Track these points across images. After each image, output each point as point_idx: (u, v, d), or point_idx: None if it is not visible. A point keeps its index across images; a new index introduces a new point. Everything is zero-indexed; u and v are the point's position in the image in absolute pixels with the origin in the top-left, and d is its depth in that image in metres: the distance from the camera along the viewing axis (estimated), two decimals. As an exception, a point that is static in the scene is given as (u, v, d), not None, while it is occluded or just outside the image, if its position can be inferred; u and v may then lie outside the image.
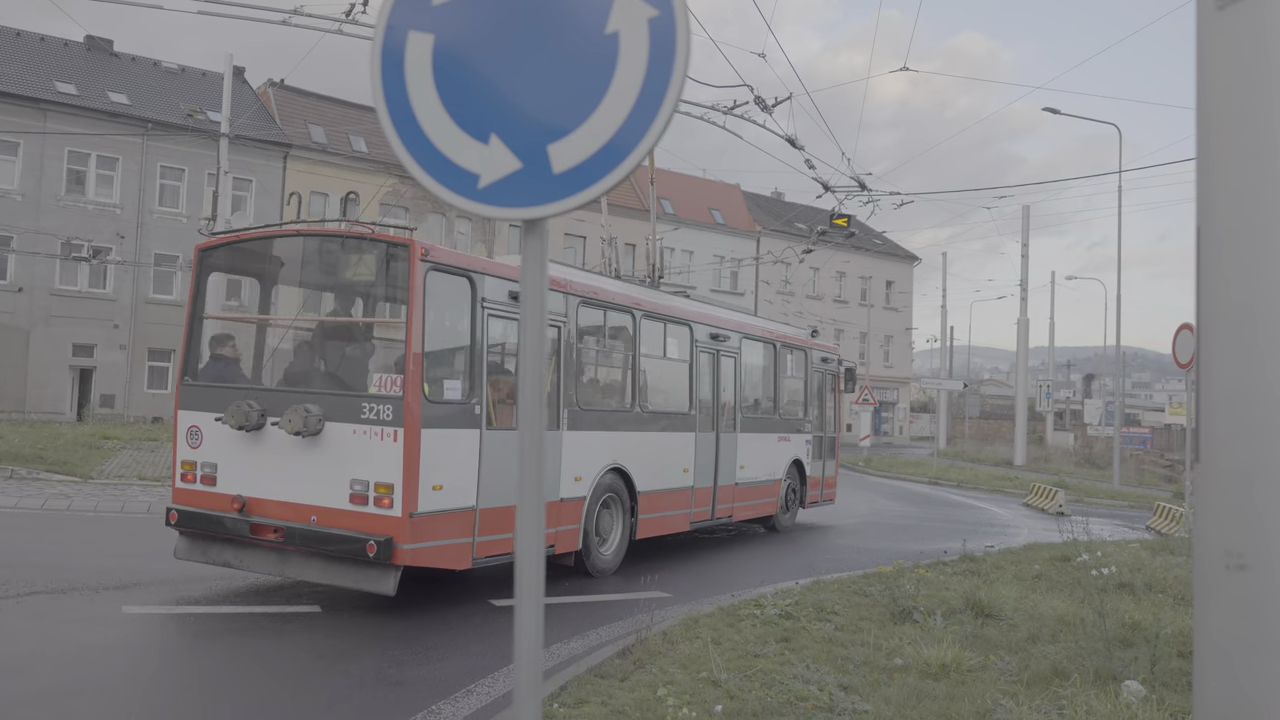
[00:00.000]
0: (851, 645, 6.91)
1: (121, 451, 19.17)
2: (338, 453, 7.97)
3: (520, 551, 2.55)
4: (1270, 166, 1.58)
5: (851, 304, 60.02)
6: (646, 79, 2.47)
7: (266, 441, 8.27)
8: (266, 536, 8.11)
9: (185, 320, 9.54)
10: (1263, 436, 1.54)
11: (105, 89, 37.90)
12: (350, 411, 7.99)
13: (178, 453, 8.88)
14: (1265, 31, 1.59)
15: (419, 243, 8.36)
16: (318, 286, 10.17)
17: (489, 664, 6.70)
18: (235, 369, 9.44)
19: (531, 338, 2.59)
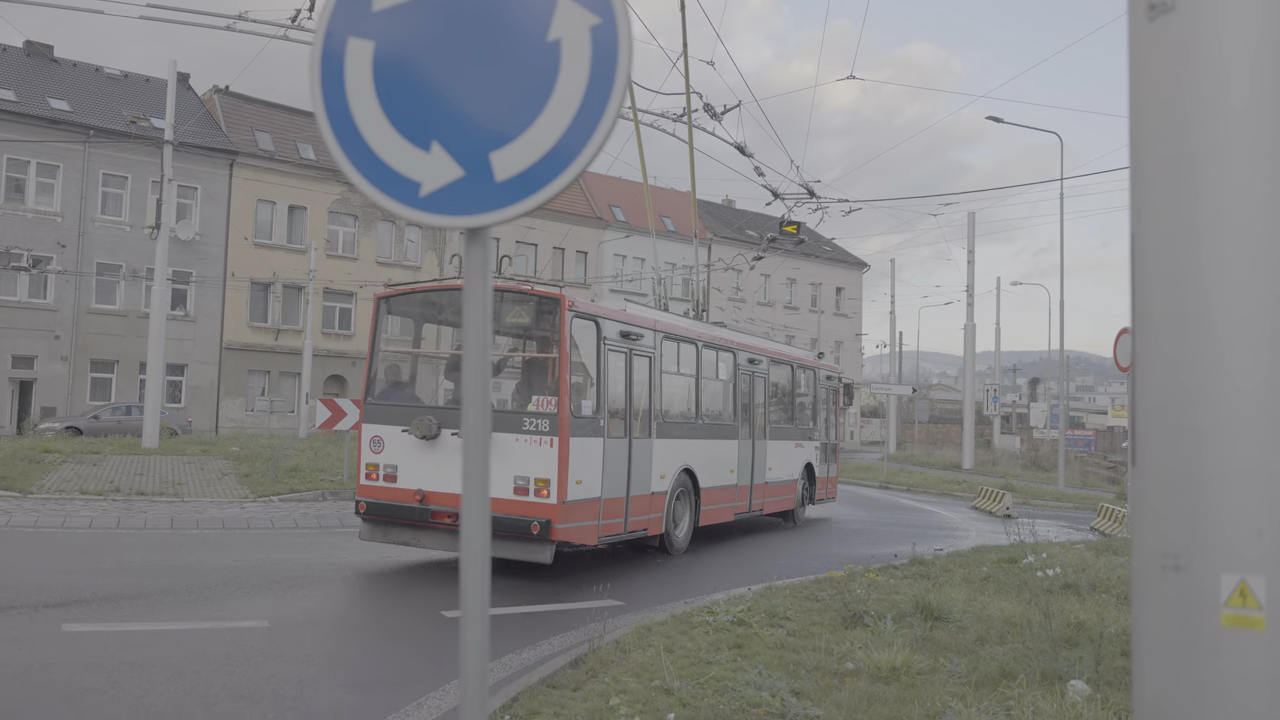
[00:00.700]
0: (803, 650, 6.93)
1: (63, 465, 18.75)
2: (502, 456, 10.03)
3: (465, 560, 2.53)
4: (1200, 175, 1.60)
5: (802, 310, 60.48)
6: (589, 86, 2.46)
7: (441, 447, 10.62)
8: (442, 521, 10.41)
9: (367, 353, 12.00)
10: (1195, 440, 1.57)
11: (45, 95, 37.21)
12: (513, 424, 10.30)
13: (362, 457, 11.20)
14: (1194, 43, 1.62)
15: (566, 297, 10.69)
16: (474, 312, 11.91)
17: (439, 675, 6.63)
18: (408, 392, 12.04)
19: (474, 344, 2.57)
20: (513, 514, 10.05)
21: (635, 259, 52.61)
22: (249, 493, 16.55)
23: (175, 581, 9.49)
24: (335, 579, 10.15)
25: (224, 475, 18.70)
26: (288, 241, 41.74)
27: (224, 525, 13.64)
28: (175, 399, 37.71)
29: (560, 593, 10.05)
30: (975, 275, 37.16)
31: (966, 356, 37.43)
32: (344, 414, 17.53)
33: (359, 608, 8.79)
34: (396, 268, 44.55)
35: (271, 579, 9.91)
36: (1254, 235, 1.54)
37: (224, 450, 23.72)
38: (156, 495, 15.67)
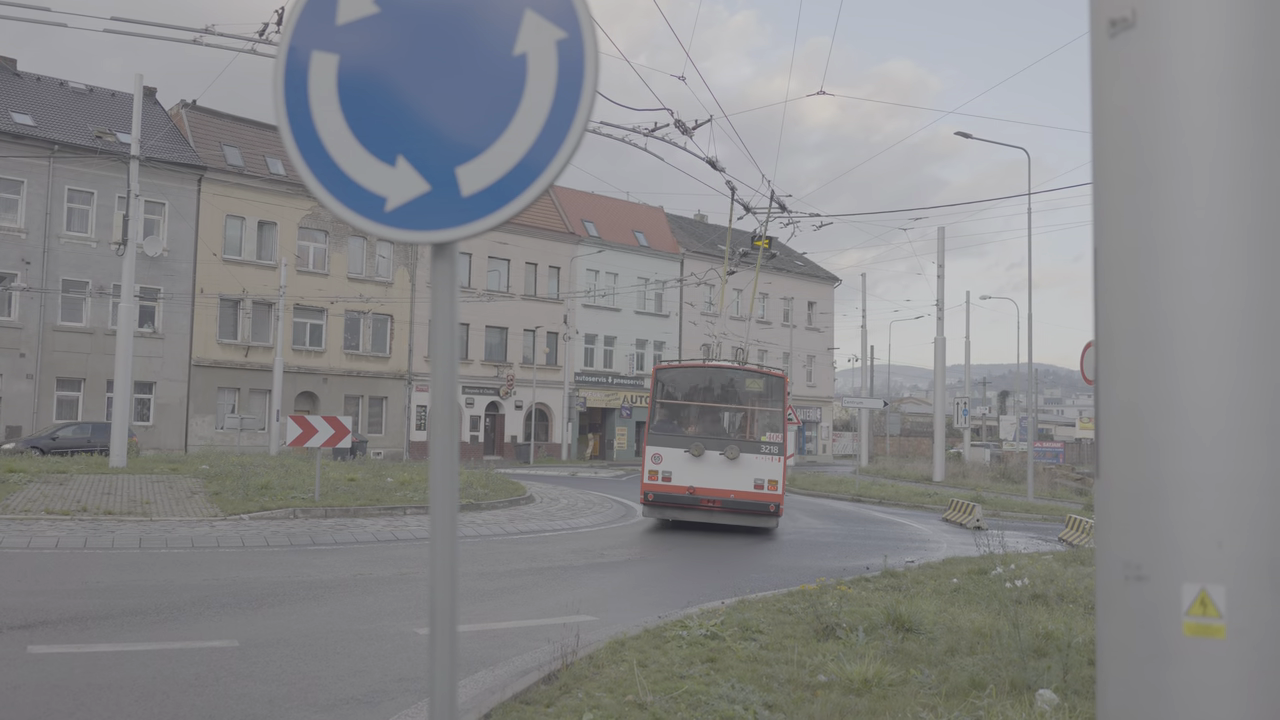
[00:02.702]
0: (776, 663, 6.93)
1: (29, 485, 18.46)
2: (748, 466, 17.82)
3: (435, 576, 2.51)
4: (1160, 190, 1.62)
5: (774, 325, 60.70)
6: (555, 100, 2.46)
7: (704, 461, 17.91)
8: (704, 504, 17.76)
9: (649, 403, 19.50)
10: (1157, 452, 1.58)
11: (8, 109, 36.82)
12: (754, 449, 18.15)
13: (646, 465, 18.18)
14: (1154, 59, 1.64)
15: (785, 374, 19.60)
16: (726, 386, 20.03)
17: (410, 693, 6.58)
18: (674, 426, 19.08)
19: (442, 362, 2.56)
20: (756, 500, 17.73)
21: (608, 274, 52.65)
22: (219, 511, 16.36)
23: (144, 602, 9.37)
24: (306, 597, 10.05)
25: (193, 494, 18.49)
26: (257, 257, 41.46)
27: (193, 544, 13.49)
28: (144, 417, 37.31)
29: (532, 607, 10.01)
30: (946, 290, 37.50)
31: (937, 370, 37.69)
32: (315, 431, 17.42)
33: (330, 626, 8.70)
34: (368, 283, 44.36)
35: (242, 598, 9.80)
36: (1214, 250, 1.56)
37: (193, 468, 23.47)
38: (124, 515, 15.46)
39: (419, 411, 46.29)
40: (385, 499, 18.65)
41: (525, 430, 48.93)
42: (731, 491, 17.62)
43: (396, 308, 45.12)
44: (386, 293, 44.96)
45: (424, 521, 17.11)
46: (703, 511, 17.82)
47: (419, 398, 46.15)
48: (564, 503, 22.41)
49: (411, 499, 18.97)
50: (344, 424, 17.74)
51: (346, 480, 21.28)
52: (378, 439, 43.56)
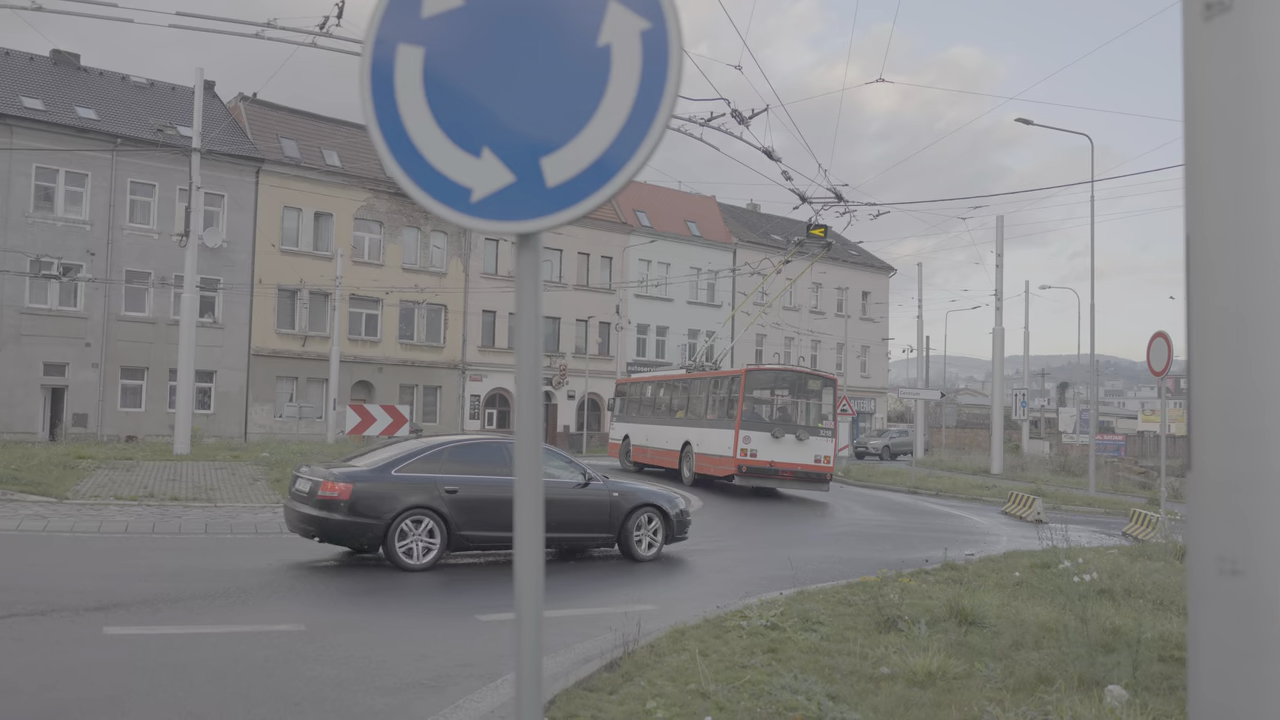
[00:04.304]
0: (838, 655, 6.92)
1: (97, 471, 18.96)
2: (810, 445, 23.80)
3: (519, 564, 2.55)
4: (1259, 175, 1.60)
5: (828, 315, 60.26)
6: (640, 91, 2.48)
7: (782, 442, 23.39)
8: (782, 474, 23.35)
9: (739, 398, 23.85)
10: (1255, 443, 1.56)
11: (73, 104, 37.62)
12: (814, 432, 24.22)
13: (738, 444, 22.99)
14: (1251, 42, 1.61)
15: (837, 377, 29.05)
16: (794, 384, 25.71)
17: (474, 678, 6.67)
18: (760, 416, 24.25)
19: (528, 347, 2.60)
20: (817, 470, 23.76)
21: (660, 264, 52.65)
22: (280, 498, 16.66)
23: (212, 585, 9.59)
24: (367, 582, 10.22)
25: (255, 480, 18.84)
26: (314, 248, 42.05)
27: (257, 530, 13.75)
28: (205, 405, 38.04)
29: (592, 597, 10.08)
30: (1005, 279, 36.97)
31: (995, 361, 37.19)
32: (373, 419, 17.67)
33: (392, 611, 8.85)
34: (422, 274, 44.79)
35: (305, 583, 10.00)
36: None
37: (254, 456, 23.91)
38: (190, 500, 15.81)
39: (472, 401, 46.69)
40: (442, 487, 18.85)
41: (578, 420, 49.15)
42: (800, 464, 23.44)
43: (450, 298, 45.51)
44: (440, 283, 45.36)
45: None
46: (779, 480, 23.41)
47: (472, 387, 46.55)
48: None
49: (468, 487, 19.13)
50: (402, 412, 17.99)
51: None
52: (432, 428, 44.00)
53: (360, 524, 10.96)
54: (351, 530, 11.03)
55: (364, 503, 10.98)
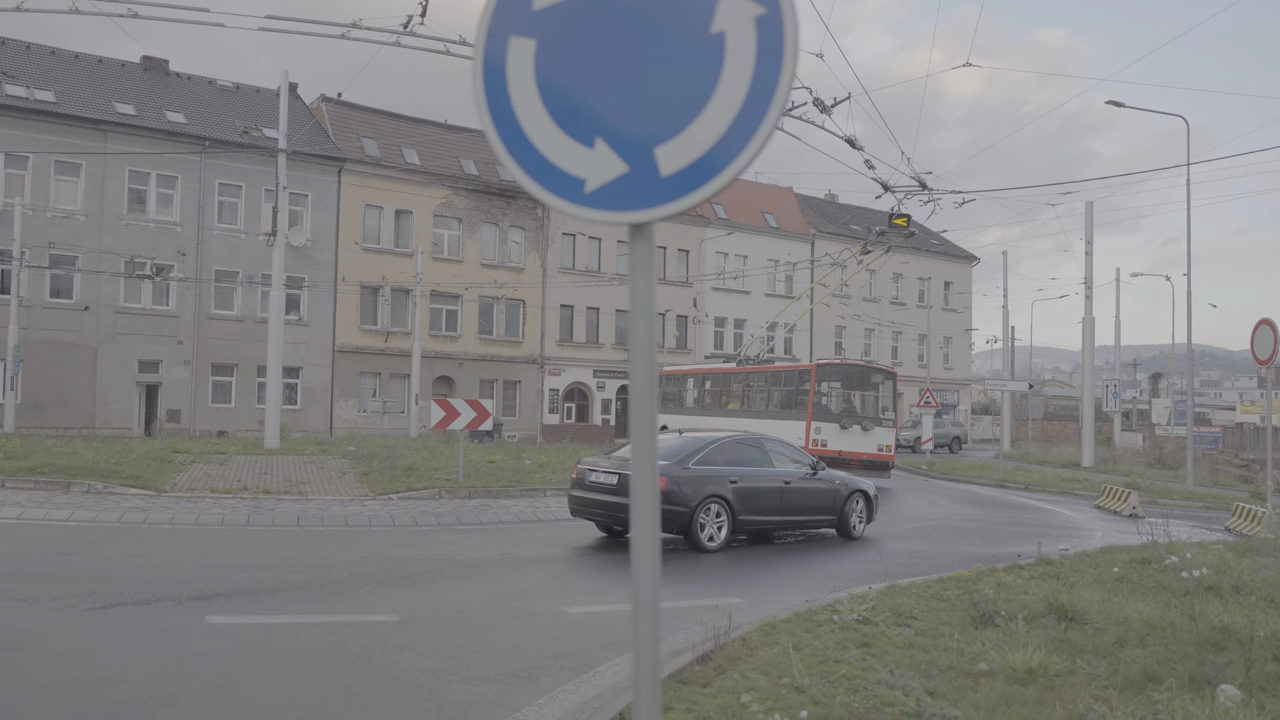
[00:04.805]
0: (933, 650, 6.80)
1: (192, 465, 19.51)
2: (874, 435, 25.69)
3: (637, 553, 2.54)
4: None
5: (909, 306, 59.40)
6: (755, 77, 2.44)
7: (849, 432, 25.31)
8: (849, 463, 23.66)
9: (810, 391, 25.54)
10: None
11: (163, 108, 38.73)
12: (878, 423, 25.97)
13: (810, 434, 24.47)
14: None
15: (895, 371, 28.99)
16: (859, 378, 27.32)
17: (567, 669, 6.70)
18: (828, 408, 25.93)
19: (641, 339, 2.58)
20: (880, 458, 25.06)
21: (737, 256, 52.41)
22: (369, 491, 16.97)
23: (307, 576, 9.79)
24: (457, 575, 10.33)
25: (343, 474, 19.21)
26: (395, 245, 42.72)
27: (347, 522, 14.02)
28: (292, 401, 38.92)
29: (681, 590, 10.06)
30: (1095, 267, 36.01)
31: (1085, 351, 36.23)
32: (458, 414, 17.86)
33: (483, 603, 8.93)
34: (500, 269, 45.22)
35: (397, 574, 10.14)
36: None
37: (341, 450, 24.39)
38: (282, 493, 16.18)
39: (551, 395, 47.04)
40: (525, 481, 19.02)
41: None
42: (865, 453, 25.14)
43: (528, 293, 45.89)
44: (519, 278, 45.76)
45: (564, 503, 17.36)
46: (848, 468, 23.11)
47: (551, 381, 46.89)
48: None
49: (550, 481, 19.29)
50: (485, 407, 18.14)
51: (487, 462, 21.78)
52: (512, 422, 44.45)
53: (671, 511, 12.50)
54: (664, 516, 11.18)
55: (675, 492, 12.62)
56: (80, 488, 15.87)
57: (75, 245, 35.33)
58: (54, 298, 35.36)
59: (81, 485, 15.95)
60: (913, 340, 59.14)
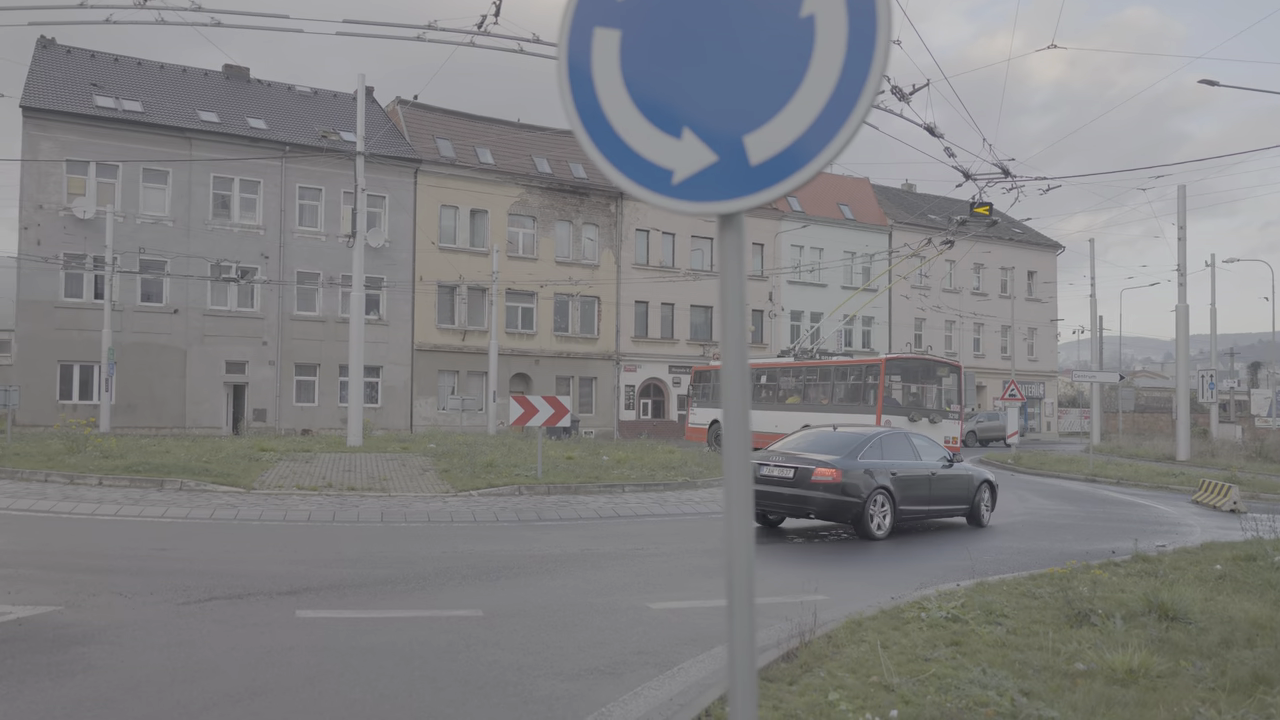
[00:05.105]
0: (1027, 649, 6.63)
1: (279, 463, 19.94)
2: (941, 427, 26.17)
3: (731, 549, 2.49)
4: None
5: (991, 297, 58.24)
6: (846, 61, 2.37)
7: (918, 425, 24.95)
8: None
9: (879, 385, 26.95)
10: None
11: (245, 115, 39.66)
12: (945, 415, 27.23)
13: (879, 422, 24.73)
14: None
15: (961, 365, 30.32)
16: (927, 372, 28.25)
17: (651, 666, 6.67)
18: (897, 401, 26.75)
19: (733, 331, 2.53)
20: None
21: (813, 249, 51.94)
22: (450, 487, 17.15)
23: (392, 571, 9.92)
24: (539, 571, 10.37)
25: (424, 471, 19.46)
26: (470, 245, 43.18)
27: (429, 519, 14.19)
28: (372, 399, 39.58)
29: (761, 586, 9.97)
30: (1189, 253, 34.87)
31: (1179, 340, 35.09)
32: (536, 411, 17.96)
33: (565, 599, 8.94)
34: (575, 266, 45.44)
35: (480, 570, 10.22)
36: None
37: (421, 447, 24.73)
38: (365, 490, 16.44)
39: (627, 391, 47.14)
40: (604, 476, 19.07)
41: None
42: None
43: (603, 289, 46.03)
44: (593, 275, 45.93)
45: (643, 499, 17.40)
46: None
47: (627, 377, 46.99)
48: (777, 481, 22.28)
49: (629, 477, 19.31)
50: (563, 404, 18.22)
51: (565, 458, 21.89)
52: (588, 418, 44.65)
53: (846, 502, 13.54)
54: (840, 507, 13.60)
55: (849, 485, 13.57)
56: (173, 485, 16.33)
57: (164, 250, 36.37)
58: (145, 301, 36.46)
59: (174, 483, 16.41)
60: (995, 332, 57.97)
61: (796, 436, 15.68)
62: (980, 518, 15.86)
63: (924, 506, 14.86)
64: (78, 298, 35.32)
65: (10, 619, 7.37)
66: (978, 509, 15.82)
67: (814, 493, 13.53)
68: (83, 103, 35.85)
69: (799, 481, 13.65)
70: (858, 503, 13.56)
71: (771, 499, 13.96)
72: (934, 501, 15.04)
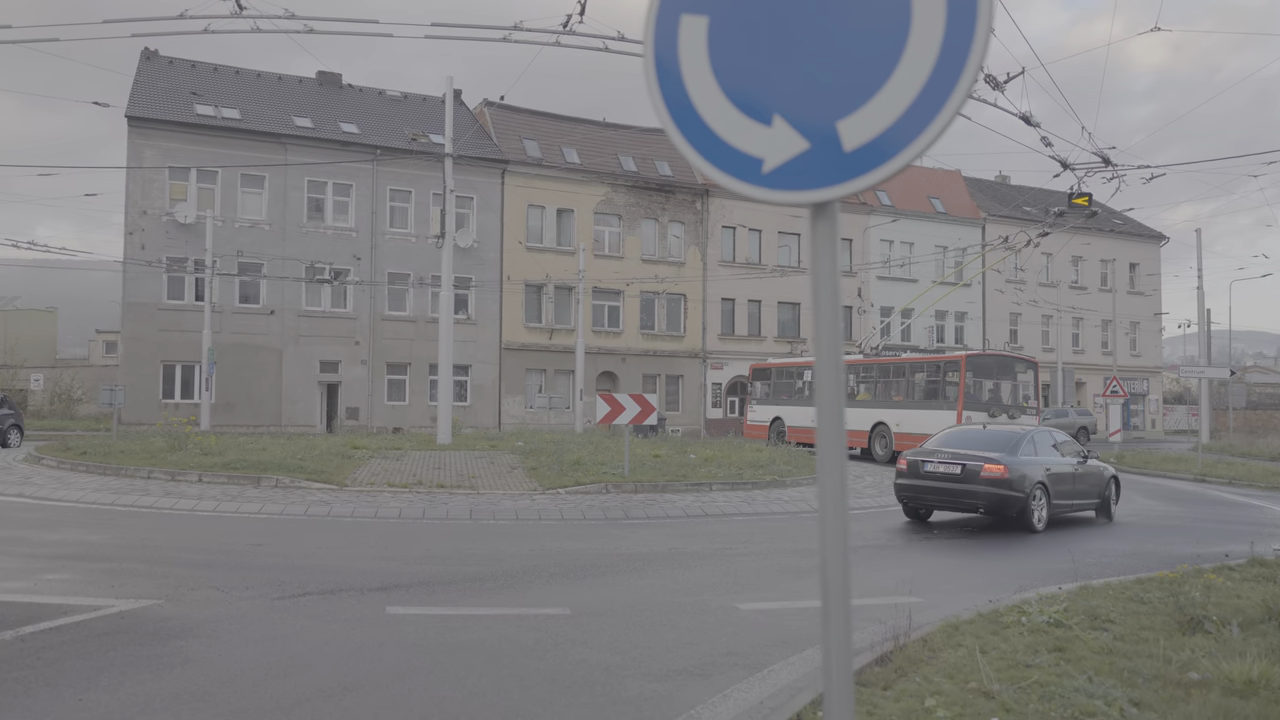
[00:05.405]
0: (1136, 657, 6.35)
1: (370, 460, 20.29)
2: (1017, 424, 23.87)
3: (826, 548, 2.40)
4: None
5: (1091, 290, 56.55)
6: (945, 38, 2.26)
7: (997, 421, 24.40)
8: None
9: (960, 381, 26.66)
10: None
11: (337, 120, 40.54)
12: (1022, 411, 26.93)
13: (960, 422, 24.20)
14: None
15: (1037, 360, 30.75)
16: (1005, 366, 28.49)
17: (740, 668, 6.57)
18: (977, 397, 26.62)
19: (826, 324, 2.43)
20: None
21: (903, 244, 51.07)
22: (537, 485, 17.25)
23: (480, 569, 9.98)
24: (626, 569, 10.33)
25: (512, 469, 19.61)
26: (557, 244, 43.46)
27: (517, 516, 14.27)
28: (461, 397, 40.10)
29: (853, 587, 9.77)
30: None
31: (1289, 333, 33.59)
32: (623, 409, 17.96)
33: (653, 598, 8.88)
34: (661, 264, 45.42)
35: (567, 568, 10.22)
36: None
37: (509, 445, 24.93)
38: (454, 488, 16.62)
39: (714, 389, 46.96)
40: (691, 475, 18.98)
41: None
42: None
43: (689, 287, 45.93)
44: (679, 273, 45.85)
45: (731, 498, 17.26)
46: None
47: (713, 375, 46.81)
48: (869, 480, 21.95)
49: (716, 475, 19.19)
50: (650, 402, 18.17)
51: (652, 457, 21.85)
52: (675, 416, 44.60)
53: (1012, 497, 14.12)
54: (1007, 502, 14.21)
55: (1015, 480, 14.12)
56: (269, 482, 16.73)
57: (260, 253, 37.37)
58: (242, 303, 37.52)
59: (270, 480, 16.81)
60: (1095, 326, 56.30)
61: (943, 434, 16.34)
62: (1110, 511, 16.61)
63: (1069, 501, 15.47)
64: (179, 300, 36.50)
65: (114, 612, 7.59)
66: (1107, 503, 16.58)
67: (982, 488, 14.15)
68: (184, 111, 37.04)
69: (967, 477, 14.25)
70: (1022, 497, 14.13)
71: (936, 494, 14.66)
72: (1076, 496, 15.63)
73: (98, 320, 68.76)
